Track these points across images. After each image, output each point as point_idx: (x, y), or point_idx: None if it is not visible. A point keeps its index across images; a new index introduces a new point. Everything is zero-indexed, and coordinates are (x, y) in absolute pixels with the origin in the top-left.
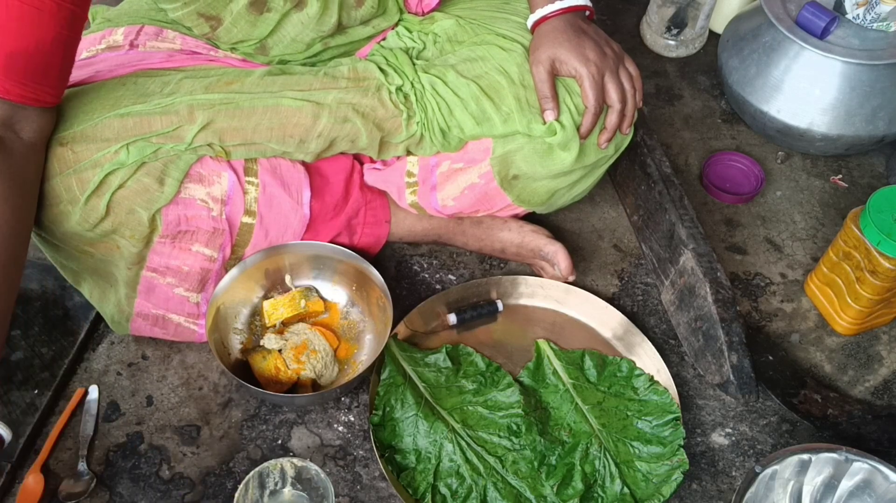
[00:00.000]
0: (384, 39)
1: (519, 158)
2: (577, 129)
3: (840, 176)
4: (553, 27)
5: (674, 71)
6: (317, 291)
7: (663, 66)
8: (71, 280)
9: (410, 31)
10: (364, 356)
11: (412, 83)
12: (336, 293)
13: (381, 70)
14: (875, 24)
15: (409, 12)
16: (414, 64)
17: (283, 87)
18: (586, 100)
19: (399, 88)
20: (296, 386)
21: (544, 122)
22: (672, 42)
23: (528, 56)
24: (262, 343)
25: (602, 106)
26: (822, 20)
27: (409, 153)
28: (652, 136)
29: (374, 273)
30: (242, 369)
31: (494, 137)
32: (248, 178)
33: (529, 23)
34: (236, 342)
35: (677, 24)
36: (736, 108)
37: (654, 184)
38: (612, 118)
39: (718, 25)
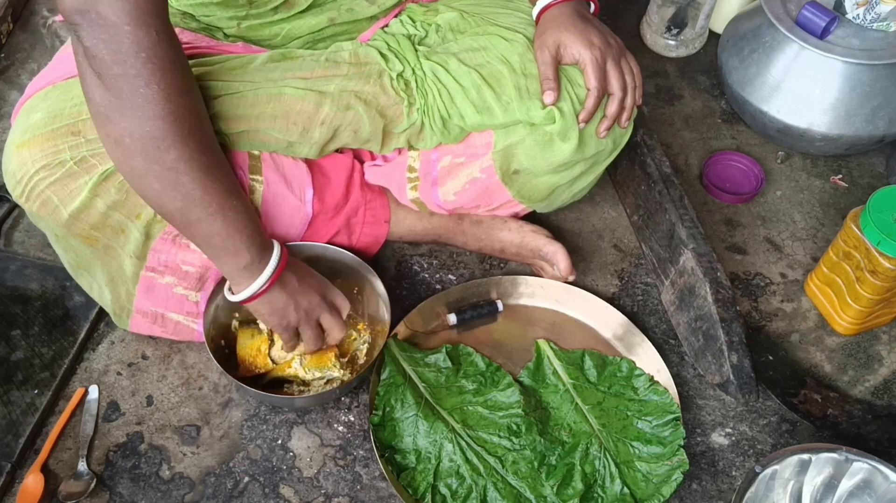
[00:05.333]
0: (386, 25)
1: (520, 152)
2: (577, 117)
3: (840, 176)
4: (559, 12)
5: (674, 71)
6: None
7: (663, 66)
8: (72, 273)
9: (414, 21)
10: (364, 356)
11: (413, 69)
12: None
13: (382, 55)
14: (875, 24)
15: None
16: (416, 50)
17: (284, 73)
18: (589, 82)
19: (400, 75)
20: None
21: (544, 106)
22: (672, 42)
23: (530, 46)
24: (258, 321)
25: (604, 90)
26: (822, 20)
27: (410, 147)
28: (652, 136)
29: (374, 274)
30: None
31: (495, 128)
32: (252, 176)
33: (535, 10)
34: (234, 323)
35: (677, 24)
36: (736, 108)
37: (654, 184)
38: (612, 106)
39: (718, 25)
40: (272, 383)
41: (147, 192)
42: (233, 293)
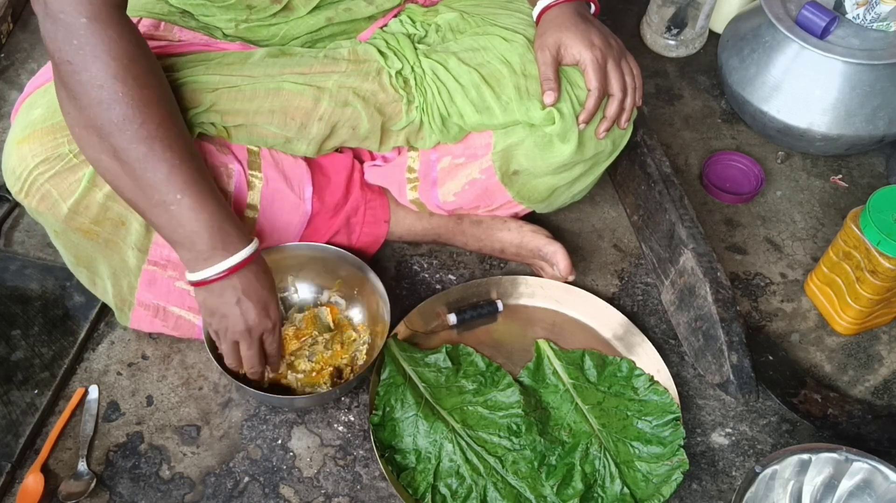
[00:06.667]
0: (385, 25)
1: (520, 153)
2: (576, 118)
3: (840, 176)
4: (560, 13)
5: (674, 71)
6: (317, 304)
7: (663, 66)
8: (73, 269)
9: (413, 21)
10: (364, 356)
11: (412, 67)
12: (336, 294)
13: (381, 53)
14: (875, 24)
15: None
16: (415, 48)
17: (283, 69)
18: (589, 82)
19: (399, 72)
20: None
21: (543, 107)
22: (672, 42)
23: (530, 47)
24: None
25: (605, 91)
26: (822, 20)
27: (409, 146)
28: (652, 136)
29: (373, 274)
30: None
31: (495, 128)
32: (251, 172)
33: (536, 11)
34: None
35: (677, 24)
36: (736, 108)
37: (654, 184)
38: (612, 107)
39: (718, 25)
40: (270, 385)
41: (106, 181)
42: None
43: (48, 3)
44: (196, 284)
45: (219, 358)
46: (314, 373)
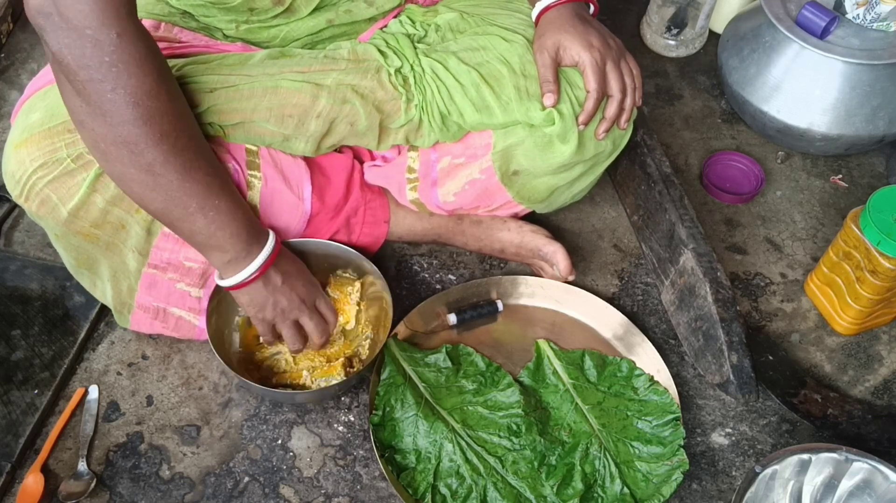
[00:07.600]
0: (385, 26)
1: (520, 153)
2: (576, 119)
3: (840, 176)
4: (559, 14)
5: (674, 71)
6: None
7: (663, 66)
8: (73, 272)
9: (413, 21)
10: (364, 356)
11: (412, 66)
12: (337, 292)
13: (381, 52)
14: (875, 24)
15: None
16: (415, 47)
17: (282, 68)
18: (588, 84)
19: (398, 70)
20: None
21: (543, 108)
22: (672, 42)
23: (529, 47)
24: None
25: (604, 92)
26: (822, 20)
27: (408, 145)
28: (652, 135)
29: (376, 271)
30: (243, 367)
31: (494, 128)
32: (250, 173)
33: (535, 12)
34: (237, 338)
35: (677, 24)
36: (736, 108)
37: (654, 184)
38: (611, 108)
39: (718, 25)
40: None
41: (130, 194)
42: (221, 278)
43: (69, 18)
44: (234, 288)
45: (223, 354)
46: (327, 366)
